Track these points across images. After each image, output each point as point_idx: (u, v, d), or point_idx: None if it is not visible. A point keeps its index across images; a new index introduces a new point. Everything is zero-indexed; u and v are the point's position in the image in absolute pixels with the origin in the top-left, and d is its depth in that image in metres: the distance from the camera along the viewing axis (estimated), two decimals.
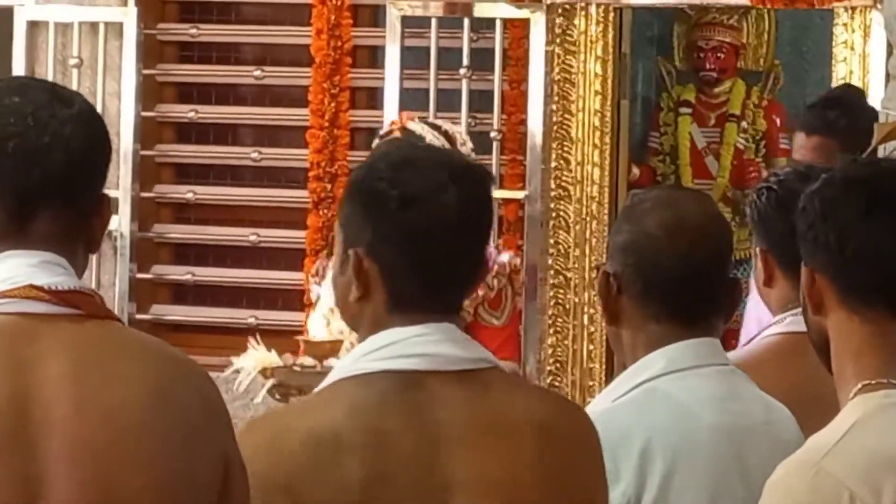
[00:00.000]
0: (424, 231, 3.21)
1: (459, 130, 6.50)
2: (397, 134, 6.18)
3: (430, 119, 6.78)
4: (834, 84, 7.88)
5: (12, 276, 2.82)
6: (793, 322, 4.13)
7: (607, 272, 3.77)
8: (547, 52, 8.08)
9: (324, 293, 6.37)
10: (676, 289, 3.72)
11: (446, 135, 6.10)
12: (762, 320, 4.79)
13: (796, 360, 4.01)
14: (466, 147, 6.22)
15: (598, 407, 3.76)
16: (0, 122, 2.81)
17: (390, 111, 8.02)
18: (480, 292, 5.90)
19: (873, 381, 3.02)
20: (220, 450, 2.90)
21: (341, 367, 3.33)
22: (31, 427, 2.77)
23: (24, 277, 2.81)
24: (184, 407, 2.92)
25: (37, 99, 2.86)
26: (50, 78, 8.21)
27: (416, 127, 6.14)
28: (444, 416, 3.20)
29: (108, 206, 3.02)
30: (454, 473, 3.16)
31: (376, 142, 6.24)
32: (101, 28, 8.57)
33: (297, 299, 7.99)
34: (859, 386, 3.04)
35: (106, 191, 3.01)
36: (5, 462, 2.75)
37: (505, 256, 6.26)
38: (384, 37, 8.26)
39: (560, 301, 8.17)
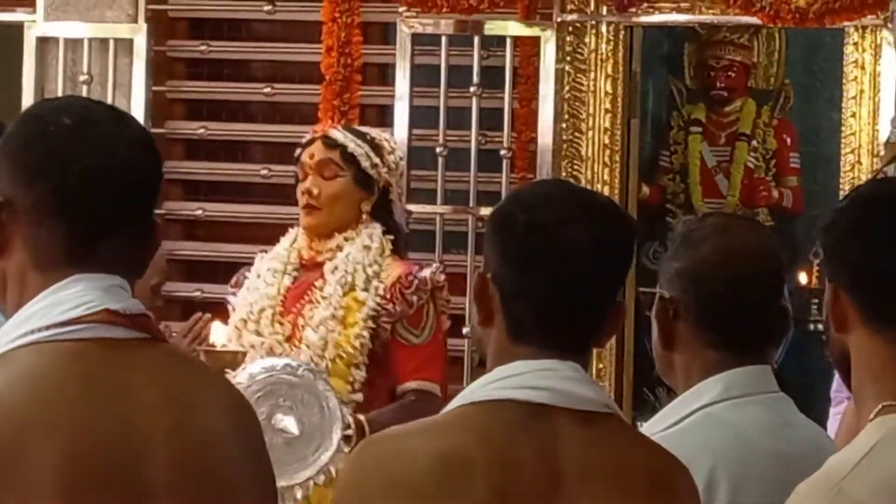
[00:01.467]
0: (544, 259, 3.24)
1: (387, 138, 6.29)
2: (319, 141, 6.02)
3: (363, 128, 6.50)
4: (844, 103, 7.92)
5: (86, 302, 2.81)
6: None
7: (665, 297, 3.82)
8: (557, 70, 8.05)
9: (238, 303, 6.34)
10: (733, 317, 3.75)
11: (372, 143, 5.98)
12: None
13: None
14: (395, 155, 6.09)
15: (653, 433, 3.75)
16: (65, 144, 2.81)
17: (400, 129, 8.10)
18: (398, 308, 5.75)
19: (894, 403, 3.03)
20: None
21: (468, 392, 3.34)
22: (133, 456, 2.79)
23: (98, 302, 2.81)
24: (252, 425, 3.02)
25: (99, 121, 2.86)
26: (57, 91, 8.49)
27: (338, 135, 6.00)
28: (569, 452, 3.22)
29: (158, 231, 3.05)
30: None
31: (298, 151, 6.04)
32: (111, 44, 8.58)
33: None
34: (880, 407, 3.05)
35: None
36: (114, 492, 2.76)
37: (426, 272, 6.01)
38: (394, 54, 8.26)
39: None
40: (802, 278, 9.20)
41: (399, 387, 5.70)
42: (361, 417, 5.50)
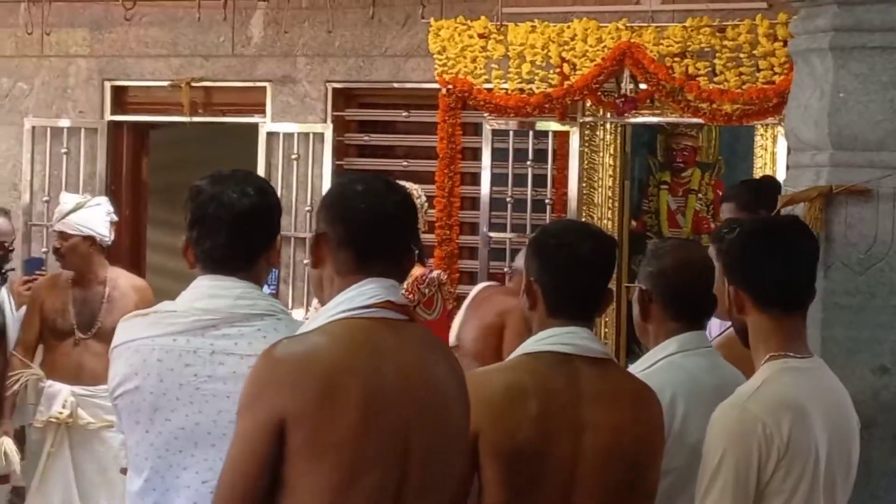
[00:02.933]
0: (567, 267, 3.77)
1: (416, 188, 6.29)
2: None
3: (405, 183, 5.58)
4: (755, 171, 8.71)
5: (375, 295, 3.26)
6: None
7: (643, 289, 4.16)
8: (579, 151, 8.81)
9: None
10: (687, 302, 4.13)
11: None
12: (714, 325, 5.22)
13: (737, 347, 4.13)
14: (420, 200, 6.28)
15: (636, 371, 4.13)
16: (356, 201, 3.33)
17: (485, 187, 8.93)
18: (416, 297, 6.05)
19: (777, 354, 3.67)
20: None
21: (523, 347, 3.80)
22: (401, 392, 3.23)
23: (383, 295, 3.27)
24: (461, 374, 3.48)
25: (377, 188, 3.39)
26: (278, 167, 9.30)
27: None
28: (585, 383, 3.70)
29: (412, 252, 3.47)
30: (588, 417, 3.67)
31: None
32: (311, 136, 9.34)
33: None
34: (767, 357, 3.68)
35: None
36: (389, 414, 3.20)
37: (435, 273, 6.39)
38: (481, 142, 8.99)
39: None
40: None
41: None
42: None
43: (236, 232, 3.58)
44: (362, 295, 3.23)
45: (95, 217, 6.72)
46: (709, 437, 3.60)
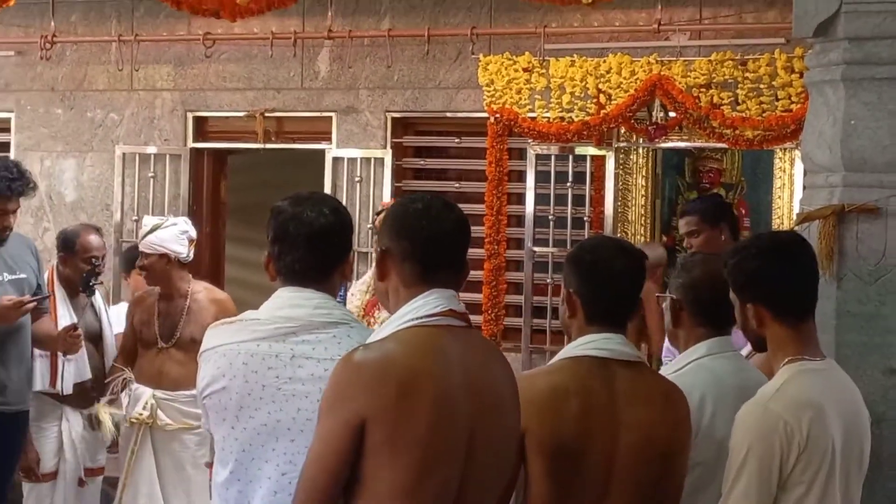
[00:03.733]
0: (603, 279, 3.77)
1: None
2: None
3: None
4: (774, 191, 8.82)
5: (440, 304, 3.26)
6: None
7: (674, 298, 4.17)
8: (615, 173, 8.77)
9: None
10: (713, 311, 4.10)
11: None
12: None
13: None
14: None
15: (667, 374, 4.09)
16: (418, 218, 3.33)
17: (529, 206, 8.86)
18: None
19: (794, 357, 3.69)
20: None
21: (565, 351, 3.78)
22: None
23: (446, 304, 3.27)
24: (511, 376, 3.47)
25: (436, 206, 3.38)
26: (343, 189, 9.21)
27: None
28: (620, 383, 3.69)
29: (468, 266, 3.46)
30: (623, 416, 3.66)
31: (379, 209, 5.72)
32: (372, 161, 9.31)
33: None
34: (786, 360, 3.70)
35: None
36: (456, 410, 3.19)
37: None
38: (526, 165, 8.94)
39: None
40: None
41: None
42: None
43: (314, 248, 3.58)
44: (427, 305, 3.23)
45: (170, 236, 6.69)
46: (735, 434, 3.60)
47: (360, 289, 4.82)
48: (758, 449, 3.54)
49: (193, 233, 6.77)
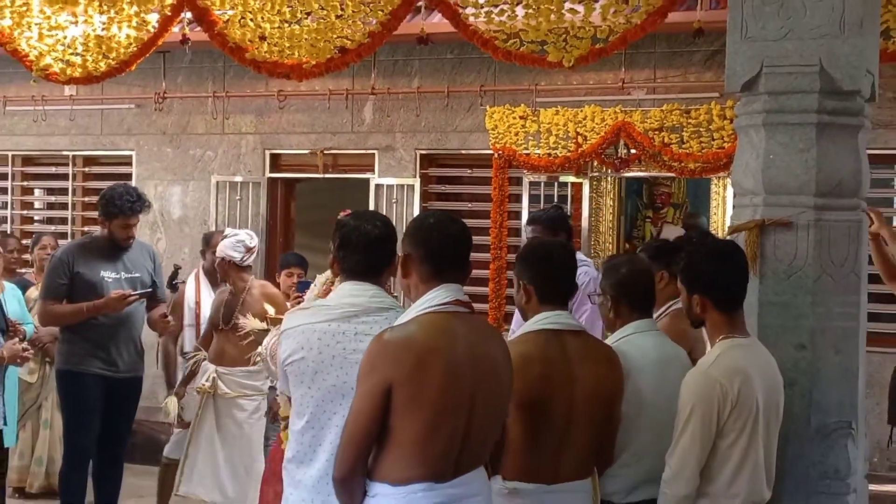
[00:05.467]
0: (550, 271, 3.69)
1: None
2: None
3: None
4: (711, 210, 8.56)
5: (448, 296, 3.22)
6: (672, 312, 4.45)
7: (612, 296, 3.98)
8: (589, 196, 8.71)
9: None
10: (641, 300, 3.98)
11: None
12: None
13: (675, 326, 4.33)
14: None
15: (610, 341, 3.98)
16: (431, 229, 3.32)
17: (524, 221, 8.01)
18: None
19: (727, 336, 3.68)
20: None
21: (527, 326, 3.70)
22: (481, 359, 3.20)
23: (453, 296, 3.23)
24: (506, 352, 3.37)
25: (446, 220, 3.36)
26: (383, 209, 8.91)
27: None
28: (571, 348, 3.64)
29: (470, 266, 3.38)
30: (577, 373, 3.61)
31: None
32: (405, 187, 9.16)
33: None
34: (720, 338, 3.69)
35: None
36: (463, 381, 3.14)
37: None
38: (521, 189, 8.84)
39: None
40: None
41: None
42: None
43: (370, 252, 3.55)
44: (439, 297, 3.20)
45: (229, 244, 6.55)
46: (682, 395, 3.58)
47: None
48: (700, 406, 3.51)
49: (251, 243, 6.57)
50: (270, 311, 5.31)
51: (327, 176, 9.66)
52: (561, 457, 3.63)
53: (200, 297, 7.24)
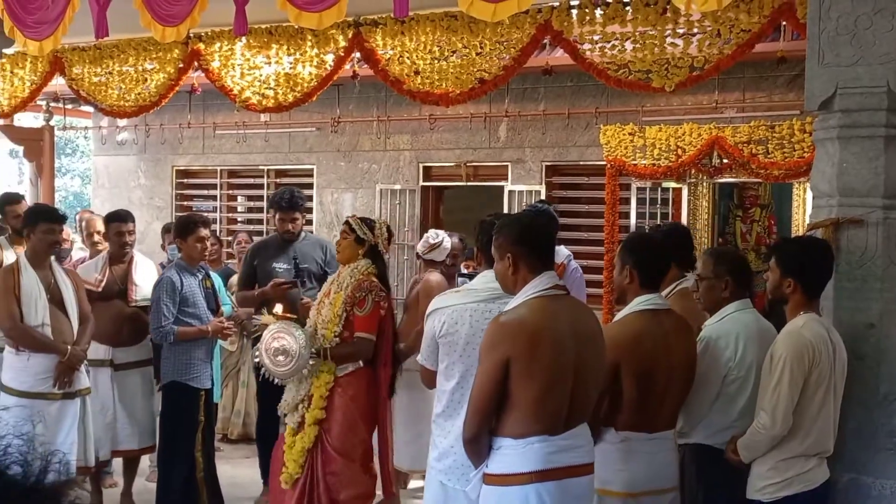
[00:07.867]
0: (652, 259, 3.57)
1: (385, 223, 5.08)
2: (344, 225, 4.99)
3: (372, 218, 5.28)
4: (793, 210, 8.34)
5: (549, 283, 3.13)
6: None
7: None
8: (688, 199, 8.36)
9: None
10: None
11: (370, 224, 5.02)
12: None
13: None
14: (383, 230, 4.98)
15: (713, 323, 3.90)
16: (529, 228, 3.19)
17: (632, 220, 8.51)
18: (353, 299, 4.83)
19: (806, 311, 3.62)
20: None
21: (628, 308, 3.57)
22: (570, 336, 3.08)
23: (553, 282, 3.14)
24: (600, 329, 3.26)
25: (538, 220, 3.30)
26: (514, 212, 8.51)
27: (351, 221, 5.02)
28: (666, 325, 3.56)
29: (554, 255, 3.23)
30: (672, 345, 3.52)
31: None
32: (533, 193, 9.06)
33: None
34: (802, 313, 3.64)
35: None
36: (565, 353, 3.02)
37: (368, 282, 4.85)
38: (630, 194, 8.55)
39: None
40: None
41: (354, 334, 4.79)
42: (326, 346, 4.76)
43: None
44: (542, 283, 3.13)
45: (422, 242, 6.25)
46: (777, 347, 3.51)
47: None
48: (792, 359, 3.45)
49: (433, 240, 6.07)
50: (277, 308, 4.99)
51: (469, 184, 9.60)
52: (660, 412, 3.60)
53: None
